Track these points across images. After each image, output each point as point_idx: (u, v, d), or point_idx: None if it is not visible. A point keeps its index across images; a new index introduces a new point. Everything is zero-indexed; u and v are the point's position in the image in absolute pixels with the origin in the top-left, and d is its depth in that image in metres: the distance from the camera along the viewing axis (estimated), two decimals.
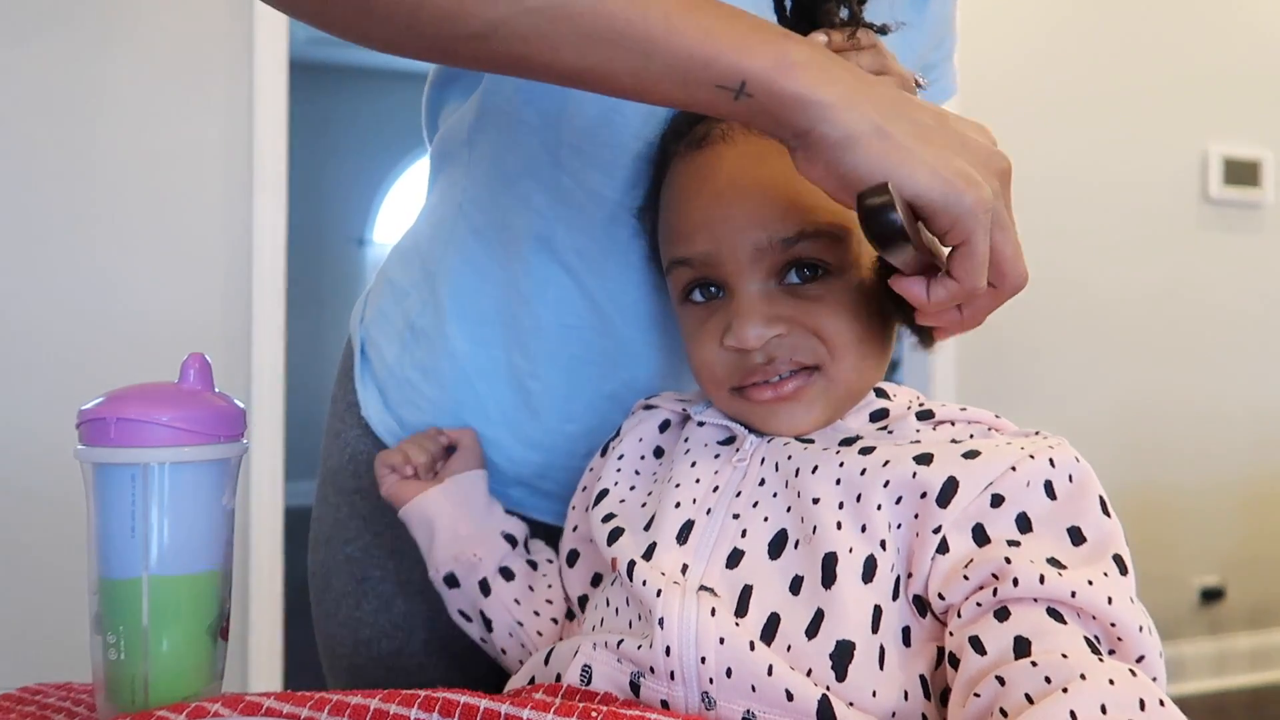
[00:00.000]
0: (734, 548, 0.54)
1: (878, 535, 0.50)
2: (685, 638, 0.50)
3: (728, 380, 0.59)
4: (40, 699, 0.57)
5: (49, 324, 1.89)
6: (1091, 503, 0.50)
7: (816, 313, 0.56)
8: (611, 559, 0.58)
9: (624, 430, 0.68)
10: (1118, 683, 0.41)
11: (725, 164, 0.58)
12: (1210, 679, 2.60)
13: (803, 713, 0.47)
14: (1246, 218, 2.69)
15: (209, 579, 0.53)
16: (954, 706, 0.46)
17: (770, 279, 0.57)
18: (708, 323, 0.59)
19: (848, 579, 0.49)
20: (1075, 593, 0.45)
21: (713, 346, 0.59)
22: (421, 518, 0.71)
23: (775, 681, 0.48)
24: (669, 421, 0.67)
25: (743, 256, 0.56)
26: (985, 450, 0.51)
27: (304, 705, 0.45)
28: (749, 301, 0.57)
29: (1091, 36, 2.55)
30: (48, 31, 1.88)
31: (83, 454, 0.52)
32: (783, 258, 0.56)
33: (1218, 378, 2.65)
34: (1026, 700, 0.42)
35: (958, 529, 0.49)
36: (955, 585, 0.48)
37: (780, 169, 0.55)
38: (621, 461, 0.65)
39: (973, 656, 0.45)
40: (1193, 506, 2.62)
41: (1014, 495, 0.49)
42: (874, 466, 0.52)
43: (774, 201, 0.56)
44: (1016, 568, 0.46)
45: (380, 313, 0.82)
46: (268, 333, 2.00)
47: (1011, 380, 2.48)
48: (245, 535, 1.99)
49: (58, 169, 1.89)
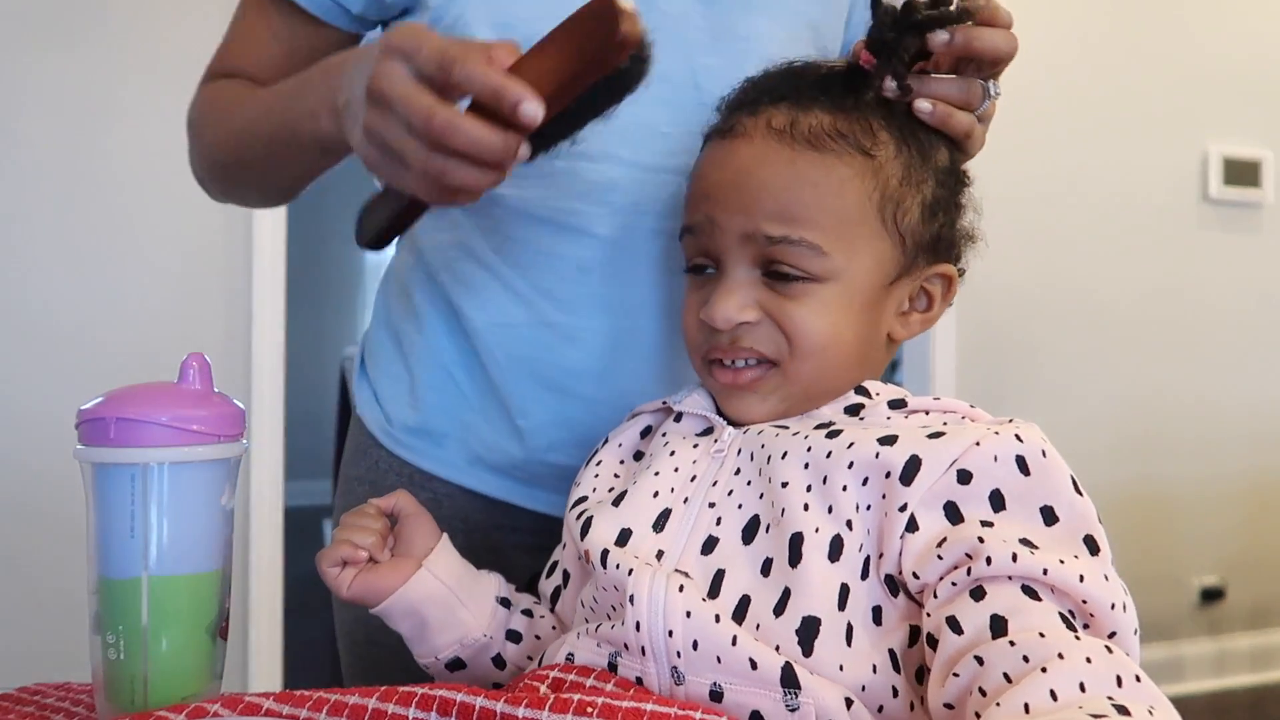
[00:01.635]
0: (709, 535, 0.56)
1: (844, 515, 0.52)
2: (654, 612, 0.52)
3: (699, 349, 0.63)
4: (39, 699, 0.57)
5: (49, 324, 1.89)
6: (1064, 481, 0.50)
7: (790, 310, 0.59)
8: (584, 551, 0.59)
9: (610, 437, 0.70)
10: (1095, 660, 0.42)
11: (740, 154, 0.61)
12: (1210, 679, 2.60)
13: (767, 681, 0.49)
14: (1246, 218, 2.69)
15: (208, 579, 0.53)
16: (933, 686, 0.46)
17: (756, 267, 0.60)
18: (697, 293, 0.64)
19: (813, 557, 0.51)
20: (1047, 570, 0.46)
21: (695, 315, 0.63)
22: (406, 609, 0.63)
23: (739, 651, 0.50)
24: (650, 427, 0.68)
25: (731, 238, 0.60)
26: (950, 430, 0.52)
27: (303, 706, 0.45)
28: (731, 283, 0.60)
29: (1092, 37, 2.55)
30: (48, 34, 1.88)
31: (82, 454, 0.52)
32: (767, 253, 0.60)
33: (1217, 377, 2.65)
34: (1005, 680, 0.42)
35: (925, 507, 0.50)
36: (929, 565, 0.49)
37: (784, 174, 0.59)
38: (600, 468, 0.67)
39: (951, 637, 0.46)
40: (1193, 506, 2.61)
41: (983, 470, 0.50)
42: (839, 449, 0.53)
43: (768, 199, 0.59)
44: (989, 547, 0.47)
45: (372, 328, 0.88)
46: (268, 333, 2.00)
47: (1011, 379, 2.48)
48: (245, 535, 1.99)
49: (57, 169, 1.89)
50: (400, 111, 0.51)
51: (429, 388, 0.80)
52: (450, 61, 0.50)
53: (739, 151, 0.61)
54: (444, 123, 0.50)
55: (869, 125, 0.60)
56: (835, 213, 0.59)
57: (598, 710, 0.44)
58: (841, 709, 0.48)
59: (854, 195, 0.59)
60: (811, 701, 0.48)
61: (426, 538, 0.66)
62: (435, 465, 0.80)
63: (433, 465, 0.80)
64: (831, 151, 0.59)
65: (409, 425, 0.81)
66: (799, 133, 0.60)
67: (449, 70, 0.50)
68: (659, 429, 0.67)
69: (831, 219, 0.59)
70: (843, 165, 0.59)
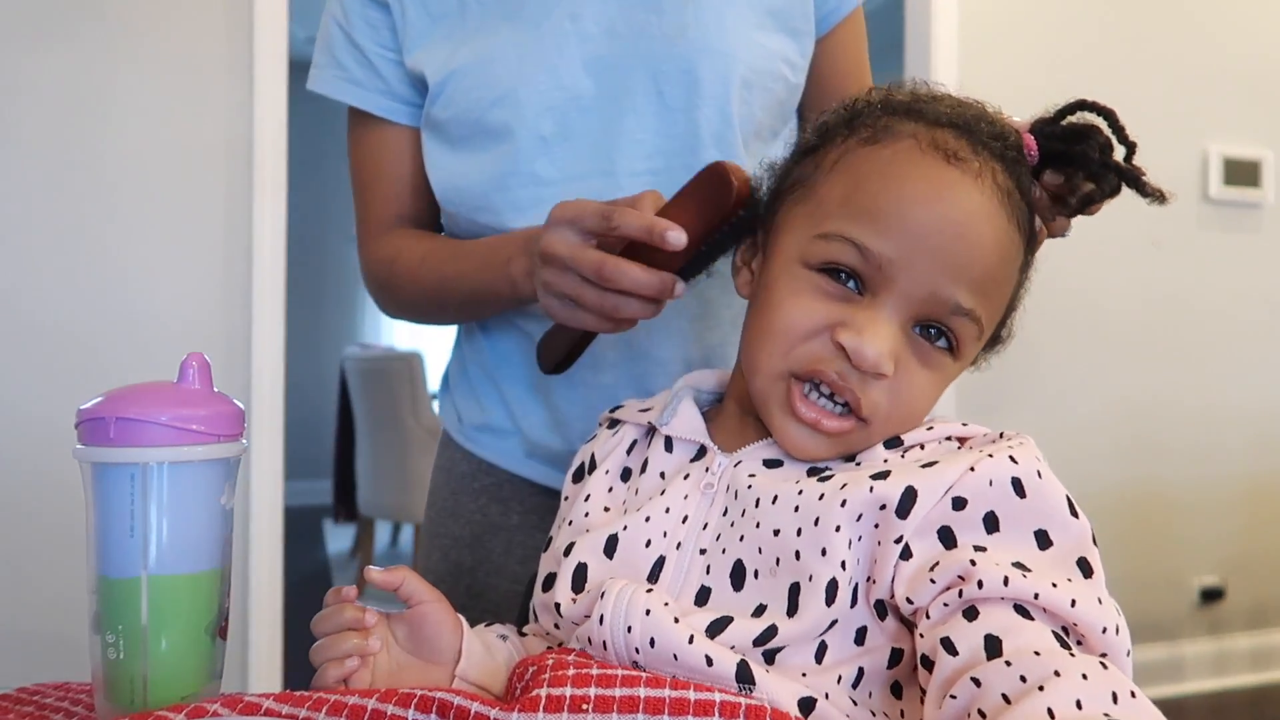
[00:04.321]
0: (701, 585, 0.56)
1: (837, 557, 0.51)
2: (618, 609, 0.53)
3: (796, 360, 0.56)
4: (39, 699, 0.57)
5: (49, 323, 1.89)
6: (1059, 503, 0.50)
7: (915, 375, 0.55)
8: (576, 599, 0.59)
9: (598, 458, 0.68)
10: (1091, 677, 0.42)
11: (970, 201, 0.54)
12: (1210, 679, 2.60)
13: (721, 678, 0.49)
14: (1246, 218, 2.69)
15: (208, 578, 0.53)
16: (929, 707, 0.46)
17: (911, 321, 0.55)
18: (827, 302, 0.56)
19: (810, 604, 0.50)
20: (1039, 594, 0.46)
21: (817, 322, 0.55)
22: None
23: (694, 650, 0.50)
24: (636, 441, 0.67)
25: (917, 290, 0.54)
26: (943, 459, 0.52)
27: (303, 705, 0.45)
28: (889, 325, 0.54)
29: (1092, 37, 2.55)
30: (48, 33, 1.87)
31: (82, 453, 0.52)
32: (939, 316, 0.55)
33: (1218, 377, 2.64)
34: (1004, 701, 0.42)
35: (920, 535, 0.50)
36: (922, 588, 0.48)
37: (1000, 244, 0.55)
38: (589, 503, 0.64)
39: (946, 658, 0.46)
40: (1193, 506, 2.61)
41: (977, 495, 0.50)
42: (831, 491, 0.52)
43: (980, 270, 0.54)
44: (981, 570, 0.47)
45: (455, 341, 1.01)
46: (268, 333, 2.00)
47: (1011, 380, 2.48)
48: (245, 535, 1.99)
49: (58, 169, 1.89)
50: (573, 267, 0.64)
51: (486, 393, 0.92)
52: (610, 214, 0.63)
53: (970, 196, 0.54)
54: (613, 269, 0.63)
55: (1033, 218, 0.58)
56: (1003, 297, 0.58)
57: (592, 705, 0.44)
58: (793, 708, 0.48)
59: (1015, 282, 0.58)
60: (765, 697, 0.48)
61: (450, 634, 0.60)
62: (497, 457, 0.92)
63: (495, 456, 0.92)
64: (1023, 234, 0.57)
65: (476, 424, 0.93)
66: (1014, 203, 0.56)
67: (610, 221, 0.62)
68: (647, 450, 0.65)
69: (999, 302, 0.57)
70: (1022, 252, 0.57)
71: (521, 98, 0.79)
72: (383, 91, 0.87)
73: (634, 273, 0.62)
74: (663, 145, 0.80)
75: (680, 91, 0.79)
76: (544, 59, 0.79)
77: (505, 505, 0.92)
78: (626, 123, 0.79)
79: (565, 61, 0.79)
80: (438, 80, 0.82)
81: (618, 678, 0.46)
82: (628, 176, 0.80)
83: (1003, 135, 0.57)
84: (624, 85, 0.79)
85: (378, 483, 3.47)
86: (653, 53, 0.79)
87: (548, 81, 0.79)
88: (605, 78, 0.79)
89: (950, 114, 0.57)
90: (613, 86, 0.79)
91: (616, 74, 0.79)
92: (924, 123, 0.57)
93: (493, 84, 0.80)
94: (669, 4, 0.79)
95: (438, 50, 0.83)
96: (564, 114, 0.80)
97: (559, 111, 0.80)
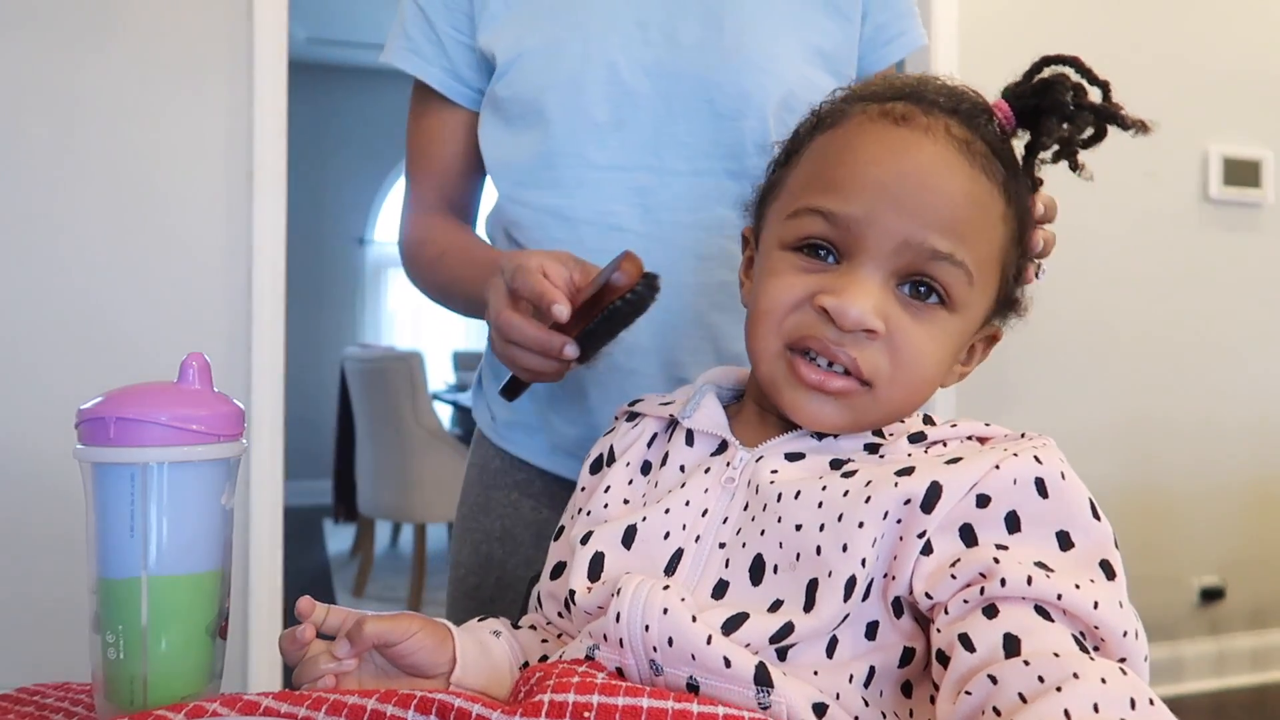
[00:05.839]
0: (719, 578, 0.55)
1: (859, 554, 0.51)
2: (635, 606, 0.52)
3: (786, 332, 0.57)
4: (39, 699, 0.57)
5: (48, 323, 1.89)
6: (1082, 505, 0.50)
7: (911, 332, 0.56)
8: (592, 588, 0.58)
9: (615, 449, 0.68)
10: (1109, 681, 0.42)
11: (923, 153, 0.56)
12: (1210, 679, 2.60)
13: (740, 679, 0.49)
14: (1246, 218, 2.69)
15: (208, 579, 0.53)
16: (943, 703, 0.46)
17: (893, 278, 0.56)
18: (805, 274, 0.57)
19: (827, 600, 0.50)
20: (1061, 595, 0.46)
21: (797, 294, 0.57)
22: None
23: (713, 650, 0.50)
24: (656, 435, 0.67)
25: (888, 240, 0.55)
26: (967, 456, 0.52)
27: (302, 704, 0.45)
28: (868, 283, 0.55)
29: (1092, 37, 2.55)
30: (48, 33, 1.87)
31: (81, 453, 0.52)
32: (918, 265, 0.55)
33: (1218, 378, 2.64)
34: (1020, 700, 0.42)
35: (942, 532, 0.50)
36: (942, 584, 0.48)
37: (965, 188, 0.56)
38: (609, 495, 0.65)
39: (963, 654, 0.46)
40: (1193, 506, 2.61)
41: (1001, 493, 0.50)
42: (856, 487, 0.52)
43: (948, 213, 0.55)
44: (1004, 568, 0.47)
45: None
46: (268, 333, 2.00)
47: (1011, 380, 2.48)
48: (245, 535, 1.99)
49: (58, 169, 1.89)
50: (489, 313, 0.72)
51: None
52: (514, 272, 0.69)
53: (921, 147, 0.56)
54: (505, 321, 0.69)
55: (1015, 172, 0.59)
56: (988, 245, 0.57)
57: (594, 714, 0.44)
58: (808, 713, 0.48)
59: (999, 234, 0.58)
60: (784, 701, 0.48)
61: (435, 654, 0.58)
62: (528, 453, 0.95)
63: (526, 453, 0.95)
64: (996, 182, 0.57)
65: (507, 421, 0.97)
66: (976, 150, 0.57)
67: (514, 282, 0.69)
68: (668, 443, 0.65)
69: (984, 250, 0.57)
70: (999, 200, 0.58)
71: (582, 84, 0.85)
72: (446, 70, 0.93)
73: (525, 329, 0.68)
74: (709, 149, 0.86)
75: (730, 102, 0.85)
76: (607, 55, 0.85)
77: (536, 500, 0.95)
78: (677, 125, 0.86)
79: (627, 60, 0.85)
80: (506, 59, 0.88)
81: (621, 688, 0.46)
82: (672, 175, 0.86)
83: (956, 94, 0.60)
84: (678, 90, 0.86)
85: (378, 483, 3.47)
86: (709, 65, 0.85)
87: (608, 75, 0.85)
88: (663, 82, 0.86)
89: (899, 87, 0.60)
90: (667, 90, 0.86)
91: (673, 80, 0.86)
92: (874, 100, 0.60)
93: (557, 69, 0.86)
94: (729, 24, 0.86)
95: (509, 31, 0.89)
96: (619, 106, 0.86)
97: (615, 102, 0.86)
